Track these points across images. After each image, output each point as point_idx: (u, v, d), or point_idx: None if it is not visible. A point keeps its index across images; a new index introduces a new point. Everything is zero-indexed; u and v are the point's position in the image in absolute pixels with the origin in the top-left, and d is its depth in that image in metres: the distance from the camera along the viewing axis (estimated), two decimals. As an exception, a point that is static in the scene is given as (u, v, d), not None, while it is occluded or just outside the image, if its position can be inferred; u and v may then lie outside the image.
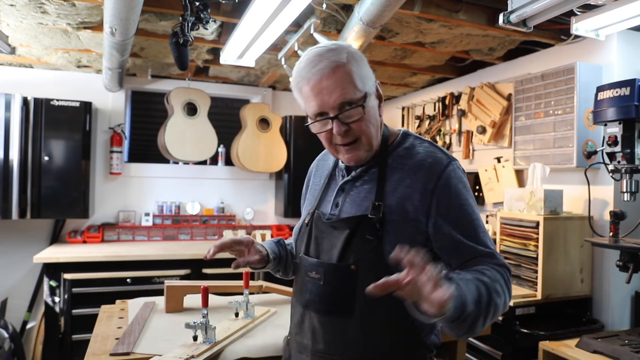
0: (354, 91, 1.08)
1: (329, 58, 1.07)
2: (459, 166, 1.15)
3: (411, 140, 1.19)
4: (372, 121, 1.12)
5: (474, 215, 1.11)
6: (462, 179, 1.13)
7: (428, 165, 1.11)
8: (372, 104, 1.12)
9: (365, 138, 1.12)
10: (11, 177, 3.20)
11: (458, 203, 1.10)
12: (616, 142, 1.95)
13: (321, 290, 1.14)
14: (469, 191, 1.13)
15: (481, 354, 2.53)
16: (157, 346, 1.42)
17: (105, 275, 3.17)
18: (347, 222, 1.13)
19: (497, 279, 1.03)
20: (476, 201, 3.45)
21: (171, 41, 2.12)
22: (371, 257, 1.08)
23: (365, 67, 1.12)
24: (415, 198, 1.09)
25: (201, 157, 3.83)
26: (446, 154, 1.15)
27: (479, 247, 1.08)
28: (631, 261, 1.95)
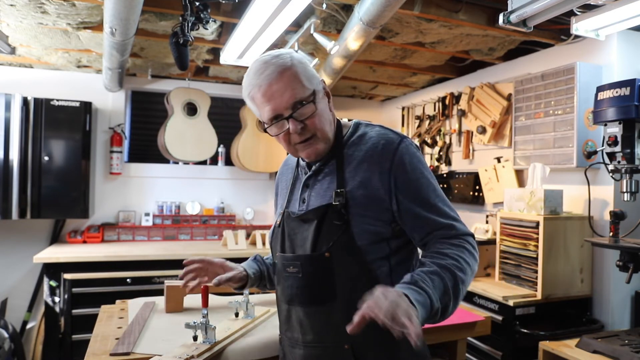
0: (303, 90, 1.14)
1: (275, 63, 1.13)
2: (412, 143, 1.20)
3: (363, 128, 1.25)
4: (325, 116, 1.19)
5: (430, 187, 1.16)
6: (415, 154, 1.18)
7: (381, 147, 1.16)
8: (321, 100, 1.19)
9: (320, 133, 1.17)
10: (11, 177, 3.20)
11: (414, 177, 1.15)
12: (616, 142, 1.95)
13: (301, 283, 1.18)
14: (425, 165, 1.19)
15: (481, 354, 2.53)
16: (157, 346, 1.42)
17: (105, 275, 3.17)
18: (313, 212, 1.18)
19: (459, 254, 1.09)
20: (476, 201, 3.44)
21: (171, 41, 2.12)
22: (342, 242, 1.13)
23: (309, 68, 1.19)
24: (375, 179, 1.14)
25: (201, 157, 3.83)
26: (397, 134, 1.20)
27: (439, 219, 1.13)
28: (631, 261, 1.95)
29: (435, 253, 1.10)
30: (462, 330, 1.85)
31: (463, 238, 1.13)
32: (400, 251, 1.17)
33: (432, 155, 3.84)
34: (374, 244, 1.13)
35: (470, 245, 1.13)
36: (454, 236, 1.13)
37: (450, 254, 1.09)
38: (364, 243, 1.12)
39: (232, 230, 3.67)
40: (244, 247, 3.59)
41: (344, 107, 4.52)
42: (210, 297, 1.96)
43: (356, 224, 1.12)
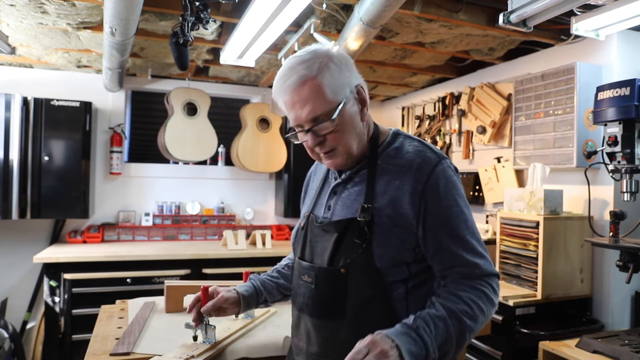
0: (325, 104, 1.07)
1: (299, 72, 1.07)
2: (450, 165, 1.12)
3: (401, 140, 1.17)
4: (349, 129, 1.11)
5: (461, 217, 1.09)
6: (451, 178, 1.10)
7: (417, 166, 1.09)
8: (349, 112, 1.11)
9: (341, 147, 1.12)
10: (11, 177, 3.20)
11: (446, 204, 1.08)
12: (616, 142, 1.95)
13: (313, 293, 1.15)
14: (460, 192, 1.11)
15: (481, 354, 2.53)
16: (157, 346, 1.42)
17: (105, 275, 3.17)
18: (336, 225, 1.14)
19: (475, 300, 1.04)
20: (476, 201, 3.43)
21: (171, 41, 2.12)
22: (360, 260, 1.08)
23: (341, 75, 1.09)
24: (405, 200, 1.08)
25: (201, 157, 3.83)
26: (436, 153, 1.13)
27: (464, 255, 1.07)
28: (631, 261, 1.95)
29: (449, 294, 1.05)
30: (462, 330, 1.84)
31: (485, 280, 1.07)
32: (420, 275, 1.12)
33: (432, 155, 3.83)
34: (393, 267, 1.08)
35: (490, 289, 1.07)
36: (477, 277, 1.07)
37: (465, 298, 1.03)
38: (383, 265, 1.07)
39: (232, 230, 3.67)
40: (244, 247, 3.59)
41: (344, 107, 4.50)
42: (210, 297, 1.96)
43: (378, 244, 1.07)
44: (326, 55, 1.10)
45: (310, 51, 1.11)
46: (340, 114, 1.09)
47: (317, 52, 1.10)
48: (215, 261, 3.42)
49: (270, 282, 1.42)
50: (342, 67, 1.10)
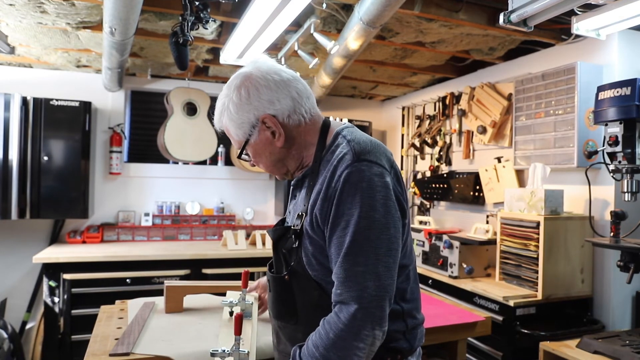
0: (236, 142, 1.19)
1: (215, 116, 1.20)
2: (364, 168, 1.02)
3: (338, 141, 1.12)
4: (263, 157, 1.19)
5: (349, 229, 0.99)
6: (358, 184, 1.00)
7: (333, 168, 1.06)
8: (258, 143, 1.16)
9: (263, 168, 1.23)
10: (10, 177, 3.19)
11: (340, 212, 1.01)
12: (617, 142, 1.95)
13: (271, 297, 1.24)
14: (364, 201, 0.99)
15: (481, 354, 2.52)
16: (157, 346, 1.42)
17: (105, 276, 3.16)
18: (272, 233, 1.22)
19: (310, 347, 1.01)
20: (476, 201, 3.41)
21: (171, 41, 2.12)
22: (297, 268, 1.12)
23: (238, 113, 1.13)
24: (319, 205, 1.06)
25: (201, 157, 3.82)
26: (355, 154, 1.04)
27: (338, 274, 1.00)
28: (632, 261, 1.95)
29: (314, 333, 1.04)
30: (463, 331, 1.84)
31: (336, 310, 0.99)
32: None
33: (432, 155, 3.83)
34: (327, 275, 1.06)
35: (337, 320, 0.98)
36: (336, 305, 1.00)
37: (315, 334, 1.02)
38: (315, 273, 1.09)
39: (231, 231, 3.66)
40: (243, 247, 3.59)
41: (344, 107, 4.52)
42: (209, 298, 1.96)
43: (305, 252, 1.10)
44: (231, 92, 1.15)
45: (227, 85, 1.18)
46: (248, 147, 1.17)
47: (228, 86, 1.16)
48: (215, 261, 3.42)
49: None
50: (242, 105, 1.13)
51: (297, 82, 1.16)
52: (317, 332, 1.02)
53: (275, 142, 1.15)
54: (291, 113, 1.14)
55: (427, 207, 3.89)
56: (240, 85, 1.13)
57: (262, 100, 1.12)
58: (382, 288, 0.98)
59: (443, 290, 2.85)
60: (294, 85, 1.14)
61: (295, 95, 1.14)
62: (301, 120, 1.15)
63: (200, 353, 1.38)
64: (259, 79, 1.13)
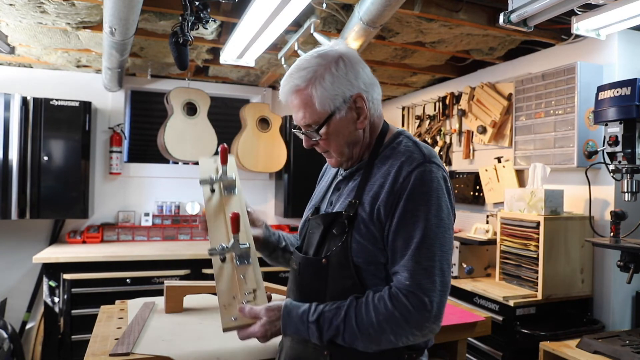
0: (314, 115, 1.13)
1: (292, 82, 1.14)
2: (434, 170, 1.08)
3: (399, 140, 1.18)
4: (339, 137, 1.16)
5: (423, 224, 1.04)
6: (430, 183, 1.06)
7: (400, 164, 1.10)
8: (340, 121, 1.14)
9: (333, 151, 1.19)
10: (10, 177, 3.19)
11: (412, 207, 1.05)
12: (617, 142, 1.95)
13: (297, 280, 1.23)
14: (434, 200, 1.05)
15: (481, 354, 2.52)
16: (157, 346, 1.42)
17: (105, 276, 3.16)
18: (323, 218, 1.20)
19: (369, 311, 1.03)
20: (476, 201, 3.41)
21: (171, 41, 2.12)
22: (340, 253, 1.12)
23: (334, 84, 1.12)
24: (383, 198, 1.09)
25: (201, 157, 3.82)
26: (424, 155, 1.11)
27: (406, 265, 1.04)
28: (632, 261, 1.95)
29: (368, 297, 1.06)
30: (463, 331, 1.84)
31: (407, 297, 1.02)
32: None
33: (432, 155, 3.83)
34: (369, 264, 1.10)
35: (404, 308, 1.01)
36: (402, 290, 1.03)
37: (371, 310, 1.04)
38: (360, 260, 1.10)
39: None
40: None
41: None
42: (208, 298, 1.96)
43: (355, 239, 1.11)
44: (329, 62, 1.13)
45: (315, 55, 1.15)
46: (328, 124, 1.14)
47: (322, 56, 1.14)
48: (215, 261, 3.41)
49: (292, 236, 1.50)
50: (339, 77, 1.12)
51: None
52: (376, 301, 1.04)
53: (358, 123, 1.16)
54: (375, 100, 1.18)
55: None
56: (339, 58, 1.13)
57: (358, 79, 1.14)
58: (445, 284, 1.04)
59: (443, 290, 2.85)
60: (374, 75, 1.20)
61: (378, 84, 1.20)
62: (377, 110, 1.20)
63: (200, 353, 1.38)
64: (355, 57, 1.16)
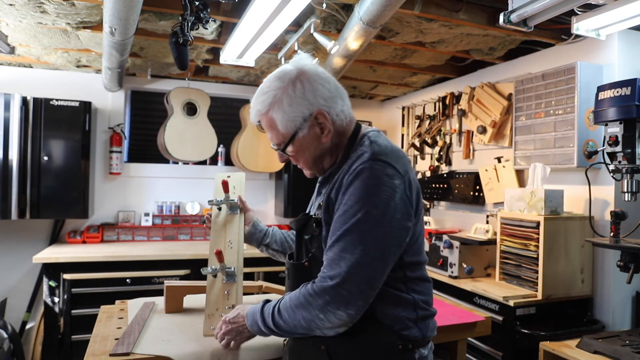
0: (278, 136, 1.20)
1: (256, 107, 1.21)
2: (377, 167, 1.09)
3: (362, 140, 1.21)
4: (305, 153, 1.22)
5: (353, 217, 1.06)
6: (366, 180, 1.07)
7: (350, 163, 1.14)
8: (305, 138, 1.19)
9: (302, 164, 1.26)
10: (10, 177, 3.19)
11: (345, 201, 1.09)
12: (617, 142, 1.95)
13: (288, 285, 1.31)
14: (369, 196, 1.07)
15: (481, 354, 2.53)
16: (157, 346, 1.41)
17: (105, 276, 3.16)
18: (295, 223, 1.29)
19: (292, 297, 1.14)
20: (476, 201, 3.41)
21: (171, 41, 2.12)
22: (318, 254, 1.18)
23: (293, 106, 1.16)
24: (334, 193, 1.15)
25: (201, 157, 3.82)
26: (372, 152, 1.12)
27: (327, 254, 1.10)
28: (632, 261, 1.95)
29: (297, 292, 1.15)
30: (463, 331, 1.84)
31: (318, 283, 1.09)
32: None
33: (432, 155, 3.83)
34: None
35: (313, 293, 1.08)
36: (318, 278, 1.10)
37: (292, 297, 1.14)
38: None
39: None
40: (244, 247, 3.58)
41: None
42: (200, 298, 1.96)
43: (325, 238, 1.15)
44: (286, 85, 1.16)
45: (274, 79, 1.19)
46: (293, 143, 1.20)
47: (280, 79, 1.18)
48: (215, 261, 3.41)
49: (282, 234, 1.65)
50: (297, 99, 1.16)
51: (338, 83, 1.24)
52: (295, 292, 1.15)
53: (322, 138, 1.20)
54: (339, 112, 1.21)
55: (427, 207, 3.89)
56: (296, 79, 1.17)
57: (317, 96, 1.17)
58: (364, 275, 1.05)
59: (443, 290, 2.85)
60: (339, 85, 1.23)
61: (342, 95, 1.23)
62: (343, 120, 1.22)
63: (200, 353, 1.38)
64: (314, 75, 1.19)
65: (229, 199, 1.66)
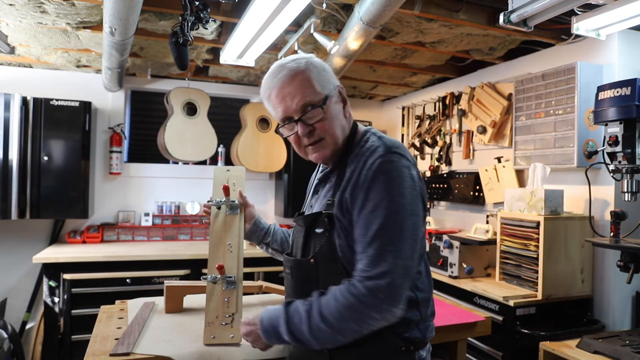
0: (314, 94, 1.17)
1: (289, 67, 1.18)
2: (395, 160, 1.10)
3: (367, 136, 1.22)
4: (335, 121, 1.20)
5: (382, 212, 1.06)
6: (389, 172, 1.08)
7: (365, 158, 1.14)
8: (333, 105, 1.21)
9: (329, 137, 1.20)
10: (10, 177, 3.19)
11: (371, 197, 1.08)
12: (617, 142, 1.95)
13: (291, 283, 1.28)
14: (394, 187, 1.07)
15: (481, 354, 2.53)
16: (157, 346, 1.41)
17: (105, 276, 3.16)
18: (303, 220, 1.25)
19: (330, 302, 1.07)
20: (476, 201, 3.41)
21: (171, 41, 2.12)
22: (325, 251, 1.16)
23: (325, 73, 1.21)
24: (349, 191, 1.13)
25: (201, 157, 3.82)
26: (386, 146, 1.13)
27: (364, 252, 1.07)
28: (632, 261, 1.95)
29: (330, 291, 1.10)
30: (463, 331, 1.84)
31: (363, 283, 1.04)
32: None
33: (432, 155, 3.83)
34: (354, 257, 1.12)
35: (361, 294, 1.03)
36: (360, 278, 1.05)
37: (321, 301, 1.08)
38: (345, 254, 1.14)
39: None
40: (243, 247, 3.58)
41: (344, 107, 4.50)
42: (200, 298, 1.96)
43: (337, 235, 1.14)
44: (311, 58, 1.22)
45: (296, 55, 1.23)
46: (328, 104, 1.18)
47: (300, 55, 1.23)
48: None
49: (282, 233, 1.63)
50: (324, 68, 1.22)
51: None
52: (333, 295, 1.07)
53: (345, 111, 1.24)
54: None
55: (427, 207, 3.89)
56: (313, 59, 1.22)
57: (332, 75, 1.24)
58: (406, 268, 1.06)
59: (443, 290, 2.85)
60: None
61: None
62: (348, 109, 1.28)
63: (200, 353, 1.38)
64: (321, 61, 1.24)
65: (229, 201, 1.64)
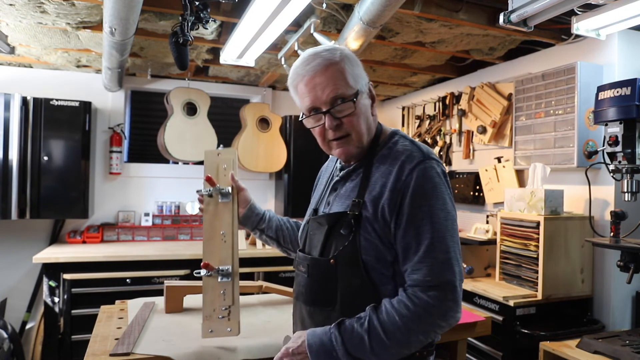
0: (346, 87, 1.13)
1: (323, 57, 1.14)
2: (435, 166, 1.12)
3: (396, 139, 1.20)
4: (363, 118, 1.17)
5: (432, 219, 1.07)
6: (432, 179, 1.09)
7: (400, 163, 1.12)
8: (363, 102, 1.17)
9: (355, 134, 1.16)
10: (10, 177, 3.19)
11: (418, 204, 1.08)
12: (617, 142, 1.95)
13: (307, 282, 1.22)
14: (439, 194, 1.09)
15: (481, 354, 2.52)
16: (157, 346, 1.42)
17: (105, 276, 3.16)
18: (326, 218, 1.20)
19: (391, 316, 1.04)
20: (476, 201, 3.41)
21: (171, 41, 2.12)
22: (348, 252, 1.13)
23: (358, 68, 1.18)
24: (387, 197, 1.10)
25: (201, 157, 3.81)
26: (423, 152, 1.13)
27: (422, 261, 1.05)
28: (632, 261, 1.95)
29: (388, 303, 1.07)
30: (463, 331, 1.84)
31: (427, 293, 1.03)
32: None
33: (432, 155, 3.83)
34: (377, 262, 1.11)
35: (427, 303, 1.02)
36: (423, 286, 1.04)
37: (383, 315, 1.05)
38: (368, 258, 1.11)
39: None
40: (243, 247, 3.59)
41: (344, 107, 4.50)
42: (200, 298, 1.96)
43: (363, 237, 1.11)
44: (345, 50, 1.18)
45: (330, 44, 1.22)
46: (358, 99, 1.15)
47: (336, 46, 1.19)
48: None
49: (278, 221, 1.54)
50: (358, 63, 1.19)
51: None
52: (394, 309, 1.05)
53: (372, 109, 1.21)
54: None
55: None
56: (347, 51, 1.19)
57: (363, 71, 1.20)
58: (461, 272, 1.08)
59: (443, 290, 2.85)
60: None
61: None
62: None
63: (200, 353, 1.38)
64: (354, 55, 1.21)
65: (219, 188, 1.59)
